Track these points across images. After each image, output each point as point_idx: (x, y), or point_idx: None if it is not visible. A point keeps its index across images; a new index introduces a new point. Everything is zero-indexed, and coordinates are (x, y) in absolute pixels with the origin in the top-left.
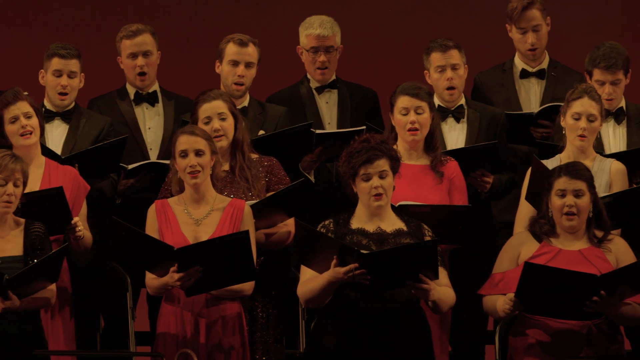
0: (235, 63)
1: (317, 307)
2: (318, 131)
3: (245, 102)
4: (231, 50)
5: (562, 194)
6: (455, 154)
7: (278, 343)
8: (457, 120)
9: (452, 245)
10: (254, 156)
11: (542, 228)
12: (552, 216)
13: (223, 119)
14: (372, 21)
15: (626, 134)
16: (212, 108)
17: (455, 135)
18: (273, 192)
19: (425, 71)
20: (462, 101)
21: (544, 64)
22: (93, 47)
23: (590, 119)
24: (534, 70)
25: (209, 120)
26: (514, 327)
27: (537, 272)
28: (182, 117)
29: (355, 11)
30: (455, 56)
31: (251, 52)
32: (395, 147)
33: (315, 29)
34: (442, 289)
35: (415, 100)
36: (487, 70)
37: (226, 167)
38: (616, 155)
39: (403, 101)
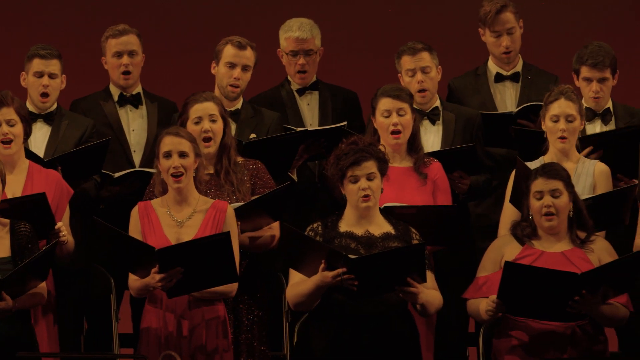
0: (232, 65)
1: (306, 310)
2: (299, 129)
3: (238, 104)
4: (229, 52)
5: (540, 195)
6: (433, 156)
7: (263, 345)
8: (433, 122)
9: (437, 247)
10: (240, 159)
11: (524, 231)
12: (532, 219)
13: (213, 121)
14: (353, 23)
15: None
16: (204, 109)
17: (431, 137)
18: (258, 196)
19: (399, 74)
20: (437, 103)
21: (518, 67)
22: (76, 49)
23: (569, 119)
24: (509, 73)
25: (199, 120)
26: (498, 328)
27: (518, 272)
28: (175, 115)
29: (337, 13)
30: (425, 58)
31: (249, 55)
32: (386, 155)
33: (294, 32)
34: (429, 292)
35: (397, 102)
36: (461, 75)
37: (211, 170)
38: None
39: (385, 103)
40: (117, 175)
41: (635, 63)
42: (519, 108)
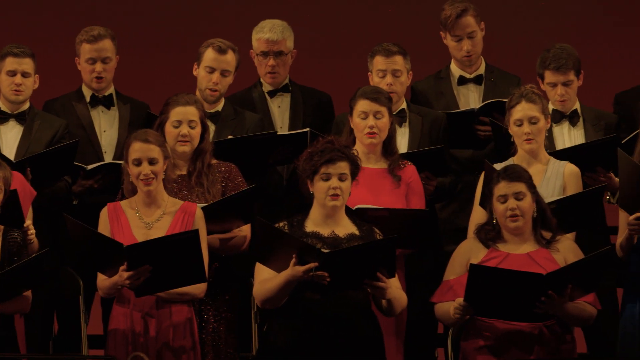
0: (211, 70)
1: (273, 307)
2: (269, 132)
3: (219, 106)
4: (209, 56)
5: (504, 199)
6: (401, 157)
7: (230, 348)
8: (400, 124)
9: (407, 250)
10: (214, 161)
11: (488, 235)
12: (496, 222)
13: (192, 127)
14: (328, 25)
15: (584, 135)
16: (185, 113)
17: (398, 139)
18: (226, 196)
19: (369, 73)
20: (404, 105)
21: (481, 70)
22: (50, 50)
23: (533, 121)
24: (472, 76)
25: (178, 124)
26: (465, 330)
27: (483, 274)
28: (149, 112)
29: (313, 15)
30: (398, 62)
31: (229, 59)
32: (354, 150)
33: (265, 33)
34: (396, 290)
35: (375, 105)
36: (424, 78)
37: (184, 170)
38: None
39: (362, 105)
40: (90, 167)
41: (600, 63)
42: (482, 104)
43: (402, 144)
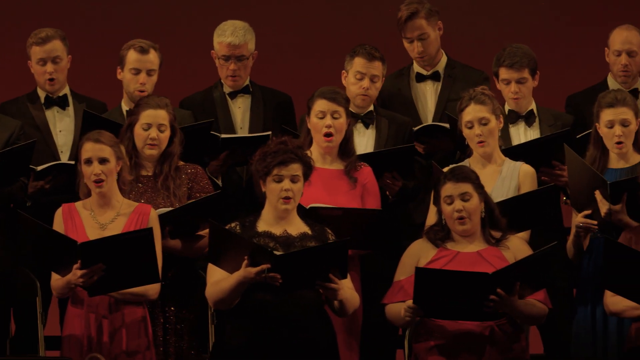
0: (137, 71)
1: (226, 308)
2: (223, 135)
3: None
4: (132, 57)
5: (450, 200)
6: (371, 156)
7: (193, 349)
8: (367, 125)
9: (362, 251)
10: (180, 163)
11: (437, 235)
12: (445, 223)
13: (161, 131)
14: (288, 25)
15: (539, 135)
16: (155, 117)
17: (364, 141)
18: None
19: (344, 71)
20: (372, 107)
21: (438, 67)
22: (2, 52)
23: (483, 122)
24: (429, 73)
25: (147, 127)
26: (417, 331)
27: (430, 276)
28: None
29: (271, 15)
30: (378, 68)
31: (152, 58)
32: (309, 151)
33: (227, 37)
34: (349, 290)
35: (333, 105)
36: (389, 75)
37: (150, 171)
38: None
39: (320, 105)
40: (39, 168)
41: (555, 65)
42: (419, 127)
43: (369, 146)
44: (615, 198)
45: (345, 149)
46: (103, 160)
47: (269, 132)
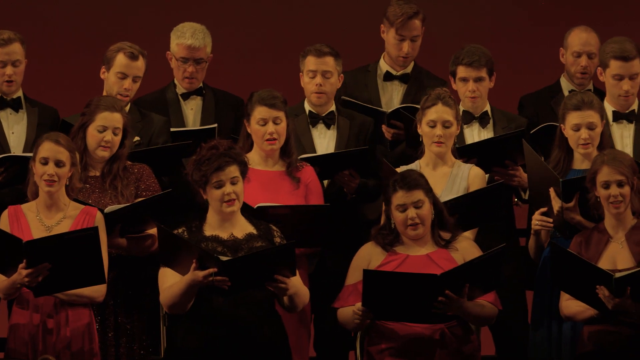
0: (123, 76)
1: (180, 312)
2: (173, 129)
3: (126, 108)
4: (121, 62)
5: (403, 208)
6: (325, 158)
7: (144, 351)
8: (328, 126)
9: (310, 249)
10: (127, 163)
11: (385, 239)
12: (395, 227)
13: (115, 134)
14: (242, 27)
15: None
16: (111, 120)
17: (325, 141)
18: (137, 200)
19: (300, 73)
20: (333, 107)
21: (408, 69)
22: None
23: (446, 125)
24: (398, 73)
25: (102, 129)
26: (368, 334)
27: (378, 279)
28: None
29: (225, 17)
30: (329, 63)
31: (140, 65)
32: (246, 157)
33: (187, 39)
34: (298, 285)
35: (273, 111)
36: (352, 70)
37: (98, 172)
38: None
39: (260, 112)
40: None
41: (509, 66)
42: (394, 108)
43: (330, 146)
44: (567, 196)
45: (286, 149)
46: (59, 163)
47: (215, 125)
